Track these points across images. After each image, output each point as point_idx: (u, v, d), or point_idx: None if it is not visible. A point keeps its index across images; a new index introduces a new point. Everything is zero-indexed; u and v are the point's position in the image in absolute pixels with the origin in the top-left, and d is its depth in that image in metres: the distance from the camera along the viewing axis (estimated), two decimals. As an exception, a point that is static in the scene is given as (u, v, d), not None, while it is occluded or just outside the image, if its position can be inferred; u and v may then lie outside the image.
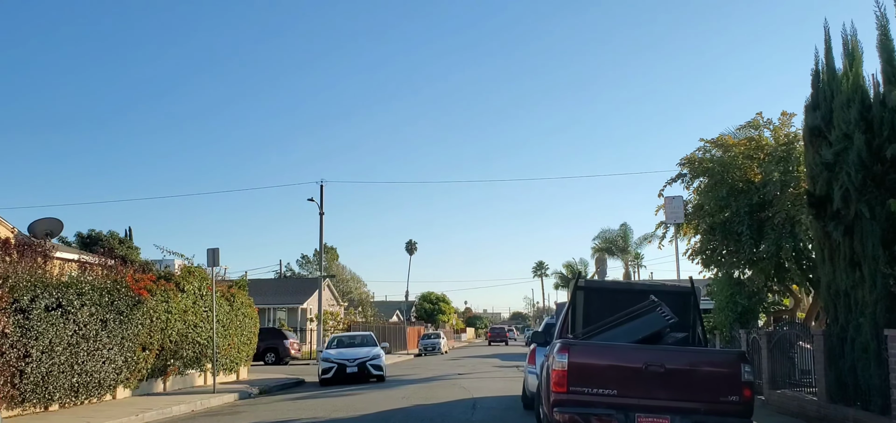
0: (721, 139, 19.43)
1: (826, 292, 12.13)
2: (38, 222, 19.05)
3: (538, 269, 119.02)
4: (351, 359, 23.38)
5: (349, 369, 23.10)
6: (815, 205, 11.91)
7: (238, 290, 24.39)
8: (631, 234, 61.29)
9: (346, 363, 23.26)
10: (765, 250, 17.43)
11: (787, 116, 19.05)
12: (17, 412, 13.54)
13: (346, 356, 23.52)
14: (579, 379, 8.34)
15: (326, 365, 23.32)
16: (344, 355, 23.68)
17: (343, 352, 24.04)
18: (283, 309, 54.69)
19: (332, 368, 23.14)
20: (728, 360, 8.72)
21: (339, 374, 22.97)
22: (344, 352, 24.04)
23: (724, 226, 18.51)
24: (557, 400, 8.43)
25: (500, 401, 16.98)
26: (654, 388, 8.26)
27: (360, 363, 23.38)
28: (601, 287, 11.29)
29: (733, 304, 19.44)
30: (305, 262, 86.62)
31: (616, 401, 8.28)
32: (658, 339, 9.32)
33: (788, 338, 15.15)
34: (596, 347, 8.89)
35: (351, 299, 73.05)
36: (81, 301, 14.96)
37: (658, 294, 10.06)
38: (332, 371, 23.03)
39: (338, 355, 23.71)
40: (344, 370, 23.08)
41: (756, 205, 17.93)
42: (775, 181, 17.28)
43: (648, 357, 8.37)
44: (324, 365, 23.42)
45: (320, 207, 40.76)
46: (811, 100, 12.44)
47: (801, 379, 14.56)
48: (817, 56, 12.45)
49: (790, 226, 17.08)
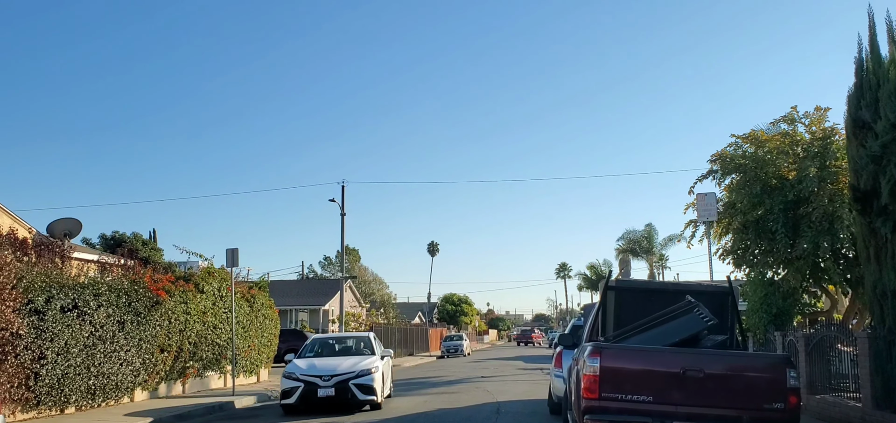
0: (753, 135, 18.77)
1: (871, 292, 11.50)
2: (56, 223, 18.92)
3: (561, 270, 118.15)
4: (326, 375, 15.28)
5: (322, 390, 15.11)
6: (860, 200, 11.28)
7: (258, 291, 24.13)
8: (656, 235, 60.46)
9: (318, 381, 15.20)
10: (801, 249, 16.76)
11: (821, 111, 18.38)
12: (32, 415, 13.30)
13: (320, 371, 15.50)
14: (612, 385, 7.83)
15: (289, 385, 15.48)
16: (318, 368, 15.66)
17: (319, 364, 16.05)
18: (305, 310, 54.55)
19: (295, 389, 15.27)
20: (772, 365, 8.17)
21: (306, 399, 15.24)
22: (320, 364, 16.04)
23: (757, 224, 17.85)
24: (589, 407, 7.92)
25: (525, 405, 16.50)
26: (692, 394, 7.73)
27: (340, 383, 15.19)
28: (634, 287, 10.72)
29: (768, 305, 18.74)
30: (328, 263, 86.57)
31: (652, 408, 7.77)
32: (695, 342, 8.77)
33: (828, 340, 14.47)
34: (630, 350, 8.35)
35: (373, 301, 72.79)
36: (98, 302, 14.72)
37: (694, 294, 9.50)
38: (295, 394, 15.27)
39: (309, 369, 15.70)
40: (314, 392, 15.15)
41: (791, 202, 17.26)
42: (812, 177, 16.63)
43: (687, 362, 7.84)
44: (285, 384, 15.61)
45: (342, 207, 40.48)
46: (854, 89, 11.78)
47: (838, 384, 13.91)
48: (861, 44, 11.80)
49: (828, 223, 16.41)
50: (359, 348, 17.85)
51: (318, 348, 17.90)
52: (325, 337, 19.83)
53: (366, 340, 18.37)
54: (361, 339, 18.57)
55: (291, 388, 15.41)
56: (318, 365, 15.98)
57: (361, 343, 18.11)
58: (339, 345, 18.26)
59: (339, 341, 18.72)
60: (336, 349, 17.87)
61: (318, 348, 17.90)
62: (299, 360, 16.59)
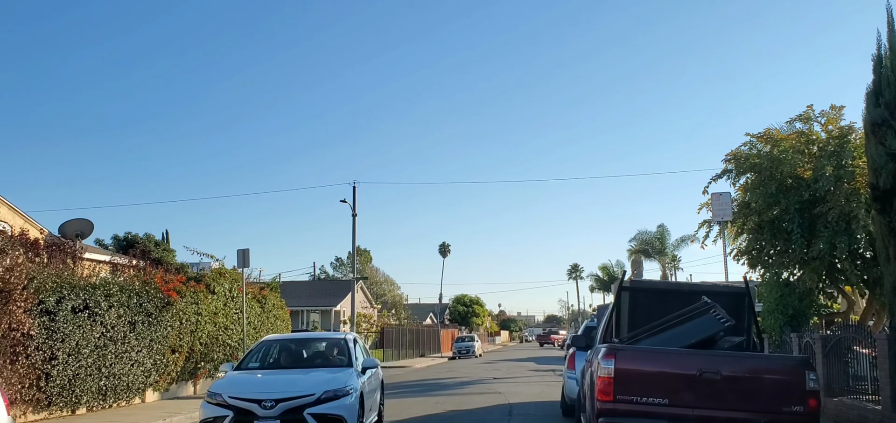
0: (768, 133, 18.54)
1: (891, 292, 11.26)
2: (68, 223, 18.95)
3: (573, 271, 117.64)
4: (269, 400, 10.17)
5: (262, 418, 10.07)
6: (879, 199, 11.05)
7: (269, 291, 24.11)
8: (668, 235, 60.05)
9: (255, 408, 10.12)
10: (817, 249, 16.52)
11: (836, 109, 18.14)
12: (43, 416, 13.28)
13: (261, 391, 10.42)
14: (627, 387, 7.69)
15: (211, 413, 10.36)
16: (259, 388, 10.65)
17: (264, 380, 11.23)
18: (317, 311, 54.56)
19: (222, 419, 10.18)
20: (791, 367, 8.00)
21: None
22: (265, 381, 11.20)
23: (772, 224, 17.62)
24: (603, 410, 7.79)
25: (537, 407, 16.35)
26: (709, 397, 7.58)
27: (291, 411, 10.15)
28: (648, 287, 10.54)
29: (783, 306, 18.50)
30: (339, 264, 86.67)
31: (667, 411, 7.62)
32: (712, 344, 8.61)
33: (845, 342, 14.24)
34: (645, 352, 8.20)
35: (384, 302, 72.76)
36: (109, 303, 14.71)
37: (709, 295, 9.34)
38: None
39: (245, 387, 10.64)
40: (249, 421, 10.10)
41: (807, 202, 17.03)
42: (828, 176, 16.38)
43: (703, 363, 7.69)
44: (206, 412, 10.45)
45: (353, 208, 40.46)
46: (873, 86, 11.56)
47: (856, 386, 13.68)
48: (879, 40, 11.57)
49: (845, 223, 16.16)
50: (332, 355, 12.43)
51: (271, 356, 12.52)
52: (283, 338, 13.82)
53: (341, 344, 12.59)
54: (335, 343, 12.82)
55: (213, 419, 10.21)
56: (260, 382, 11.01)
57: (335, 349, 12.54)
58: (305, 350, 12.86)
59: (303, 345, 13.11)
60: (298, 356, 12.56)
61: (269, 356, 12.51)
62: (237, 372, 11.61)
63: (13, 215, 19.56)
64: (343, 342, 12.66)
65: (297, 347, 12.97)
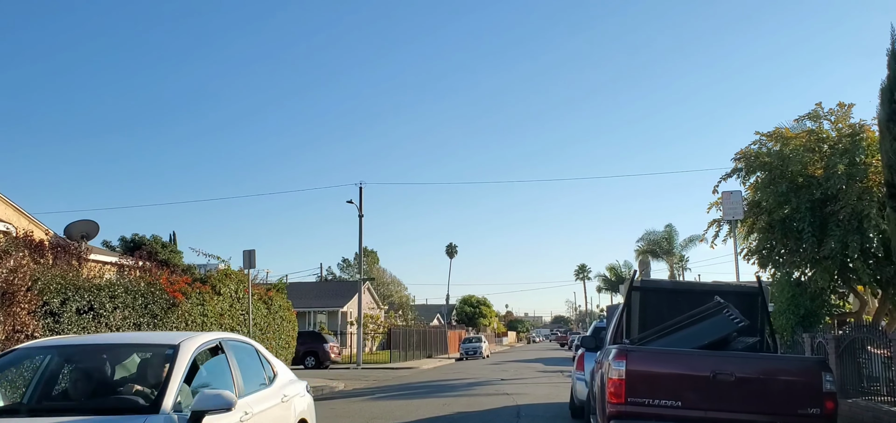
0: (777, 132, 18.34)
1: (906, 292, 11.07)
2: (74, 225, 18.85)
3: (581, 272, 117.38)
4: None
5: None
6: (894, 196, 10.86)
7: (276, 292, 23.99)
8: (676, 235, 59.83)
9: None
10: (829, 249, 16.31)
11: (844, 107, 17.94)
12: (48, 419, 13.18)
13: None
14: (638, 389, 7.52)
15: None
16: None
17: None
18: (324, 312, 54.46)
19: None
20: (807, 368, 7.83)
21: None
22: None
23: (783, 223, 17.41)
24: (614, 412, 7.62)
25: (546, 409, 16.18)
26: (723, 399, 7.41)
27: None
28: (659, 287, 10.36)
29: (795, 306, 18.27)
30: (346, 265, 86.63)
31: (680, 414, 7.45)
32: (725, 344, 8.44)
33: (859, 342, 14.02)
34: (657, 353, 8.04)
35: (391, 303, 72.67)
36: (114, 304, 14.60)
37: (722, 295, 9.17)
38: None
39: None
40: None
41: (818, 200, 16.82)
42: (840, 174, 16.17)
43: (717, 365, 7.52)
44: None
45: (359, 209, 40.38)
46: (888, 81, 11.37)
47: (870, 387, 13.46)
48: (893, 35, 11.39)
49: (857, 222, 15.95)
50: (152, 375, 5.53)
51: (40, 373, 5.74)
52: (64, 343, 6.36)
53: (165, 354, 5.47)
54: (160, 352, 5.64)
55: None
56: None
57: (148, 371, 5.67)
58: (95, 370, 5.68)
59: (104, 353, 5.91)
60: (84, 378, 5.56)
61: (39, 373, 5.75)
62: None
63: (18, 216, 19.49)
64: (250, 348, 6.78)
65: (84, 362, 5.78)
